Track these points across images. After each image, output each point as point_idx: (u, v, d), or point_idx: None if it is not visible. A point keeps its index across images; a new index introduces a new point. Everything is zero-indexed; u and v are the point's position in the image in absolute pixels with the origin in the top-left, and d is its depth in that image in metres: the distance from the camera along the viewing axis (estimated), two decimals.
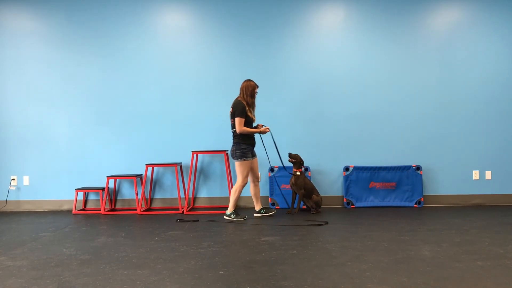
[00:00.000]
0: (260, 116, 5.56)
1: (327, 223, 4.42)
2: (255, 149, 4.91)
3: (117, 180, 5.69)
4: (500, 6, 5.59)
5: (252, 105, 4.69)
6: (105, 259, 3.19)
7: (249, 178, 4.80)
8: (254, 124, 4.83)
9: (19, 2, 5.67)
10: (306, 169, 5.52)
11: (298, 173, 5.01)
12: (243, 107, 4.56)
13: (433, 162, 5.61)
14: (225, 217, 4.73)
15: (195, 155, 5.50)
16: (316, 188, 5.41)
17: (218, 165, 5.67)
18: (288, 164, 5.51)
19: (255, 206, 4.87)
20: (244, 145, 4.59)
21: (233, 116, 4.61)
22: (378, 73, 5.64)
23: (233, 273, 2.80)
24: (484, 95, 5.61)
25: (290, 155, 5.05)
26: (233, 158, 4.66)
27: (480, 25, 5.61)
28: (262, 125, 4.77)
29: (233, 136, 4.68)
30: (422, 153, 5.62)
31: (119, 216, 5.12)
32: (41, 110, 5.68)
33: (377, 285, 2.55)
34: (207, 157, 5.68)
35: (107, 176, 5.38)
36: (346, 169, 5.52)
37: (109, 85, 5.67)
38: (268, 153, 5.35)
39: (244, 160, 4.58)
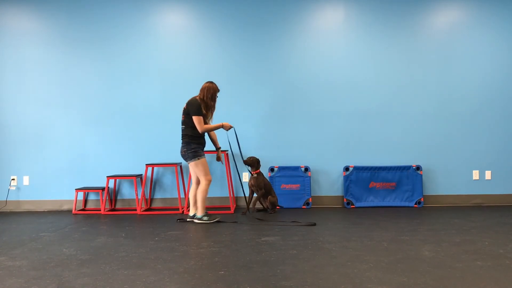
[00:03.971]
0: (261, 114, 5.55)
1: (315, 224, 4.38)
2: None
3: (117, 180, 5.69)
4: (499, 6, 5.59)
5: (211, 108, 4.54)
6: (105, 259, 3.19)
7: (193, 179, 4.62)
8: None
9: (19, 3, 5.67)
10: (306, 169, 5.52)
11: (255, 175, 5.04)
12: (198, 105, 4.41)
13: (433, 162, 5.61)
14: (195, 220, 4.56)
15: None
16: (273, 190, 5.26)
17: (218, 165, 5.67)
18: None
19: (191, 209, 4.64)
20: (194, 144, 4.44)
21: (186, 113, 4.46)
22: (378, 73, 5.63)
23: (233, 273, 2.80)
24: (484, 95, 5.61)
25: (244, 161, 5.04)
26: (185, 159, 4.47)
27: (480, 25, 5.61)
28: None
29: (183, 135, 4.49)
30: (422, 153, 5.62)
31: (119, 216, 5.12)
32: (41, 110, 5.68)
33: (377, 285, 2.55)
34: (207, 157, 5.67)
35: (107, 176, 5.38)
36: (346, 169, 5.52)
37: (109, 85, 5.67)
38: (240, 151, 5.34)
39: (199, 158, 4.44)
